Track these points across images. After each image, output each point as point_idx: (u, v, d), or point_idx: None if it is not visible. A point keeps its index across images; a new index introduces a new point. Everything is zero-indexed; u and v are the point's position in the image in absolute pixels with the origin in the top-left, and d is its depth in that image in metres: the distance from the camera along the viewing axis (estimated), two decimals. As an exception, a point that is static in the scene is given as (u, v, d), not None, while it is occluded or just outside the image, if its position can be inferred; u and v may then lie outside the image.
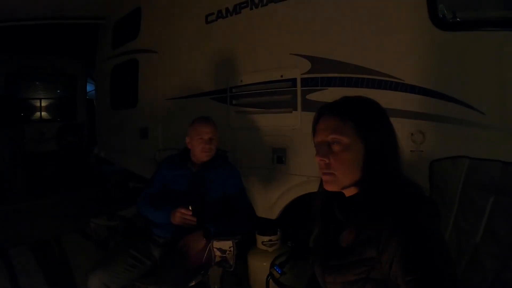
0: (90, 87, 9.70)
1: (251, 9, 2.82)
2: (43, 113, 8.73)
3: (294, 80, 2.52)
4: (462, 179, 1.49)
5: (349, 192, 1.14)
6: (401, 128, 1.93)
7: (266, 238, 2.68)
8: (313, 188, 1.32)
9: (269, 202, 2.75)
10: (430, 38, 1.89)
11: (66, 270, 3.29)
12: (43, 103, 8.72)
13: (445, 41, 1.85)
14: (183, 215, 2.13)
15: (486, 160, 1.45)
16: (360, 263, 1.04)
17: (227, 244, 2.07)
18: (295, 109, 2.53)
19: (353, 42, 2.22)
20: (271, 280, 2.06)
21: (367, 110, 1.11)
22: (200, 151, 2.36)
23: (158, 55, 4.07)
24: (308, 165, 2.39)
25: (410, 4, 1.97)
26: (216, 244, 2.08)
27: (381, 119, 1.11)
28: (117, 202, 3.79)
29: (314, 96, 2.40)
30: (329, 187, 1.13)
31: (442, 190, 1.53)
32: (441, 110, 1.86)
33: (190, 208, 2.13)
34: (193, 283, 2.05)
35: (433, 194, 1.54)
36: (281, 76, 2.61)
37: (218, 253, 2.07)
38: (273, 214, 2.73)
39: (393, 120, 1.12)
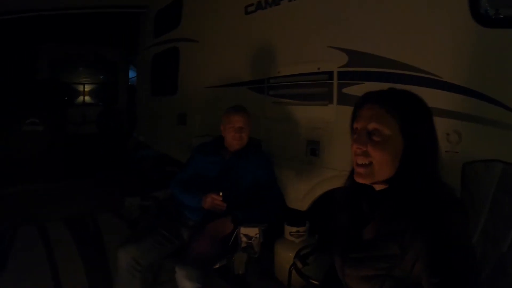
0: (132, 74, 9.98)
1: (290, 0, 2.82)
2: (85, 97, 9.11)
3: (331, 73, 2.51)
4: (495, 184, 1.43)
5: (379, 187, 1.12)
6: (437, 127, 1.89)
7: (294, 229, 2.71)
8: (345, 182, 1.32)
9: (300, 193, 2.76)
10: (471, 35, 1.81)
11: (99, 246, 3.45)
12: (86, 88, 9.09)
13: (486, 39, 1.76)
14: (214, 200, 2.19)
15: (520, 165, 1.38)
16: (381, 258, 1.02)
17: (253, 231, 2.11)
18: (331, 102, 2.52)
19: (391, 36, 2.18)
20: (293, 270, 2.10)
21: (413, 106, 1.09)
22: (231, 139, 2.44)
23: (199, 44, 4.15)
24: (342, 159, 2.37)
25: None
26: (243, 230, 2.12)
27: (426, 117, 1.08)
28: (153, 184, 3.95)
29: (350, 90, 2.38)
30: (361, 180, 1.10)
31: (473, 193, 1.47)
32: (478, 110, 1.79)
33: (220, 194, 2.19)
34: (217, 266, 2.12)
35: (463, 197, 1.49)
36: (318, 68, 2.61)
37: (244, 239, 2.12)
38: (303, 206, 2.74)
39: (429, 119, 1.11)
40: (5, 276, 2.85)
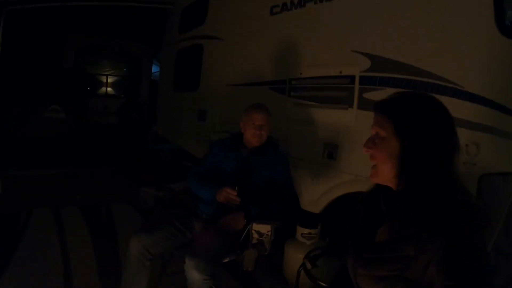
0: (154, 69, 10.13)
1: (316, 3, 2.82)
2: (108, 89, 9.29)
3: (352, 77, 2.50)
4: (511, 198, 1.42)
5: (396, 186, 1.12)
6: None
7: (306, 231, 2.71)
8: (361, 187, 1.32)
9: (315, 196, 2.77)
10: (495, 46, 1.78)
11: (111, 234, 3.51)
12: (109, 80, 9.27)
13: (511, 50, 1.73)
14: (228, 194, 2.21)
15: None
16: (394, 259, 1.02)
17: (265, 228, 2.12)
18: (351, 107, 2.51)
19: (415, 44, 2.16)
20: (302, 271, 2.09)
21: (410, 107, 1.08)
22: (251, 136, 2.44)
23: (223, 42, 4.18)
24: (358, 164, 2.38)
25: (477, 9, 1.87)
26: (255, 226, 2.13)
27: (426, 117, 1.06)
28: (168, 177, 3.99)
29: (371, 95, 2.37)
30: (373, 179, 1.16)
31: (489, 206, 1.46)
32: (499, 122, 1.75)
33: (235, 188, 2.21)
34: (226, 260, 2.14)
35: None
36: (340, 72, 2.61)
37: (255, 235, 2.13)
38: (317, 208, 2.75)
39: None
40: (16, 255, 2.92)
